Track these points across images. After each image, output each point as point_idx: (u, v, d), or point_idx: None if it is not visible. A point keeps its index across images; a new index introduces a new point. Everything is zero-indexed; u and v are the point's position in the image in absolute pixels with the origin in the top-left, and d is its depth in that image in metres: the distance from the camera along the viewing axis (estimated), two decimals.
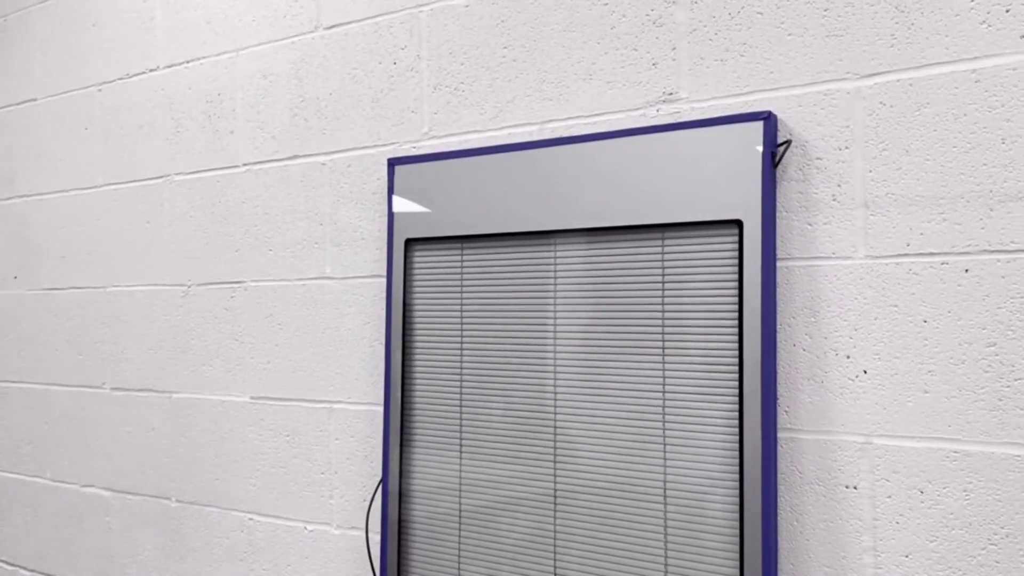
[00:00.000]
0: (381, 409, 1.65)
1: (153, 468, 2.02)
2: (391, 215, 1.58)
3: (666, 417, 1.29)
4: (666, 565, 1.28)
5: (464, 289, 1.50)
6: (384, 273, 1.65)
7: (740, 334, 1.22)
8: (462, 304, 1.50)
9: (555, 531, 1.39)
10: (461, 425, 1.50)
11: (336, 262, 1.71)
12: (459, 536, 1.49)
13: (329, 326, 1.72)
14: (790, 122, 1.24)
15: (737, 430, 1.23)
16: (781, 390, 1.25)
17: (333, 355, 1.72)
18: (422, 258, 1.55)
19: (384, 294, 1.64)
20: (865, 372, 1.19)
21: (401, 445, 1.56)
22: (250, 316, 1.85)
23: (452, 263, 1.52)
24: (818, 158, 1.22)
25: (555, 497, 1.39)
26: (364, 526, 1.66)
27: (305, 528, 1.76)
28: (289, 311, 1.78)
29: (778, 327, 1.25)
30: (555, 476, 1.39)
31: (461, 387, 1.50)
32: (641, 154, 1.32)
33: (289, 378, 1.78)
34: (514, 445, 1.44)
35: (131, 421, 2.06)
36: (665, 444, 1.29)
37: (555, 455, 1.39)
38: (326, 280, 1.73)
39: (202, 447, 1.93)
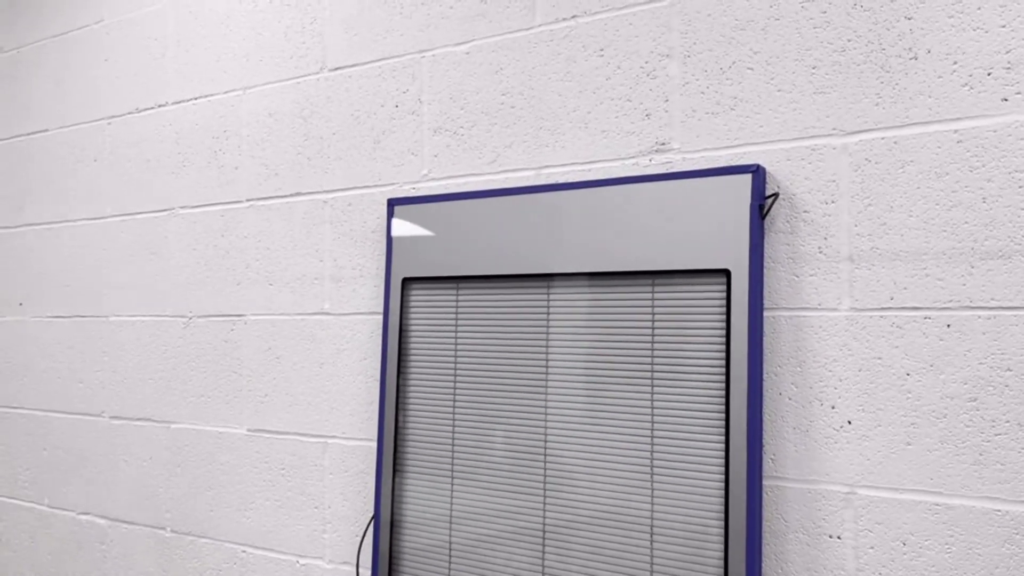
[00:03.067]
0: (375, 445, 1.67)
1: (149, 498, 2.04)
2: (389, 254, 1.61)
3: (654, 463, 1.31)
4: None
5: (459, 329, 1.53)
6: (381, 310, 1.67)
7: (727, 382, 1.24)
8: (456, 344, 1.53)
9: (543, 570, 1.40)
10: (453, 466, 1.51)
11: (335, 298, 1.74)
12: (449, 567, 1.50)
13: (326, 361, 1.75)
14: (778, 175, 1.27)
15: (723, 477, 1.24)
16: (767, 438, 1.27)
17: (329, 390, 1.74)
18: (418, 297, 1.58)
19: (380, 331, 1.67)
20: (850, 423, 1.21)
21: (393, 482, 1.57)
22: (249, 349, 1.87)
23: (447, 303, 1.54)
24: (805, 211, 1.25)
25: (544, 537, 1.40)
26: (355, 562, 1.67)
27: (297, 562, 1.77)
28: (288, 345, 1.81)
29: (765, 376, 1.27)
30: (544, 519, 1.40)
31: (453, 427, 1.52)
32: (633, 202, 1.35)
33: (286, 412, 1.80)
34: (504, 487, 1.45)
35: (129, 450, 2.08)
36: (653, 490, 1.30)
37: (544, 498, 1.41)
38: (324, 316, 1.75)
39: (198, 478, 1.95)
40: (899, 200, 1.18)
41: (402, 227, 1.60)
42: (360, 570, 1.66)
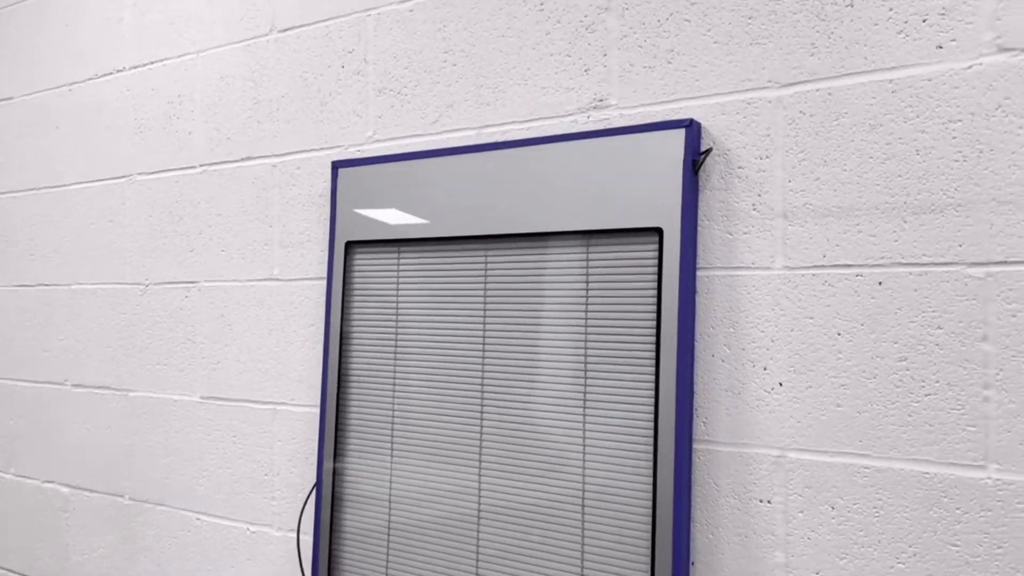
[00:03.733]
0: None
1: (109, 466, 2.03)
2: (333, 217, 1.58)
3: (586, 427, 1.28)
4: (582, 571, 1.26)
5: (400, 294, 1.50)
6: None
7: (657, 344, 1.21)
8: (397, 309, 1.50)
9: (478, 534, 1.37)
10: (392, 432, 1.49)
11: (284, 264, 1.72)
12: (388, 539, 1.48)
13: (276, 327, 1.72)
14: (713, 130, 1.23)
15: (652, 441, 1.21)
16: (700, 401, 1.23)
17: (278, 357, 1.72)
18: (362, 261, 1.55)
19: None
20: (781, 384, 1.17)
21: (336, 449, 1.55)
22: (202, 316, 1.85)
23: (389, 267, 1.52)
24: (740, 167, 1.21)
25: (479, 501, 1.38)
26: (297, 528, 1.65)
27: (248, 529, 1.76)
28: (238, 312, 1.79)
29: (698, 337, 1.23)
30: (479, 480, 1.38)
31: (394, 392, 1.49)
32: (570, 160, 1.31)
33: (237, 379, 1.78)
34: (442, 450, 1.43)
35: (90, 418, 2.07)
36: (584, 454, 1.27)
37: (480, 461, 1.38)
38: (273, 281, 1.73)
39: (154, 446, 1.93)
40: (833, 154, 1.14)
41: (346, 190, 1.57)
42: (301, 536, 1.64)
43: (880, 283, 1.10)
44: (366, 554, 1.50)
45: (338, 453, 1.55)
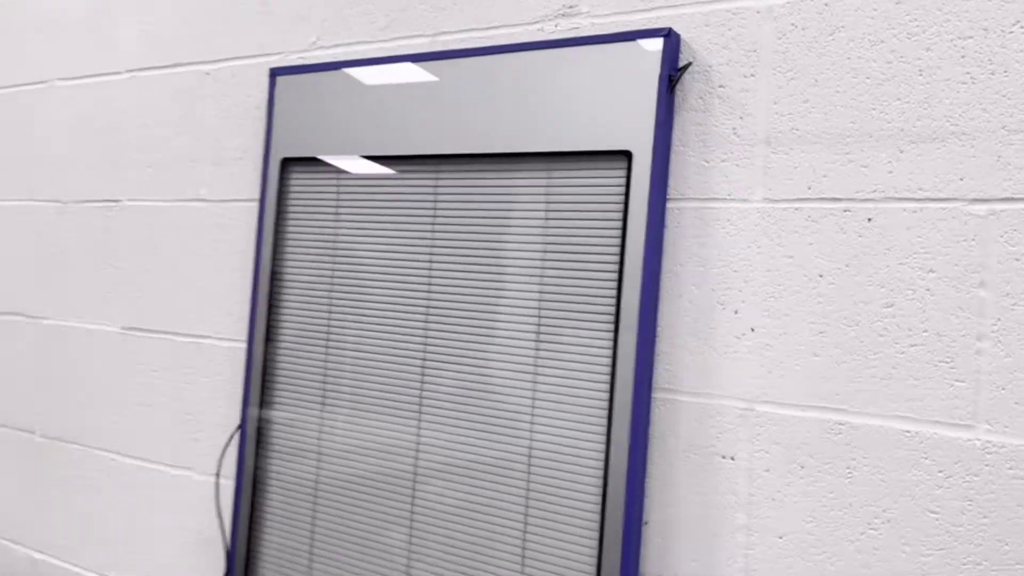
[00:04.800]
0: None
1: (20, 399, 1.87)
2: (269, 131, 1.42)
3: (537, 372, 1.15)
4: (526, 521, 1.15)
5: (339, 218, 1.35)
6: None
7: (619, 281, 1.08)
8: (336, 235, 1.35)
9: (415, 473, 1.25)
10: (325, 372, 1.35)
11: (214, 183, 1.55)
12: (316, 482, 1.35)
13: (203, 254, 1.57)
14: (694, 43, 1.09)
15: (608, 388, 1.09)
16: (663, 346, 1.11)
17: (205, 287, 1.56)
18: (299, 181, 1.40)
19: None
20: (753, 330, 1.05)
21: (263, 389, 1.41)
22: (125, 238, 1.68)
23: (328, 188, 1.37)
24: (721, 86, 1.07)
25: (417, 447, 1.25)
26: (216, 471, 1.51)
27: (168, 472, 1.62)
28: (164, 235, 1.62)
29: (664, 275, 1.11)
30: (419, 424, 1.25)
31: (328, 330, 1.36)
32: (534, 73, 1.17)
33: (160, 308, 1.63)
34: (378, 394, 1.30)
35: (0, 347, 1.90)
36: (534, 400, 1.15)
37: (420, 402, 1.25)
38: (202, 202, 1.57)
39: (68, 379, 1.77)
40: (826, 73, 1.01)
41: (284, 100, 1.41)
42: (221, 480, 1.51)
43: (869, 219, 0.98)
44: (291, 494, 1.37)
45: (265, 393, 1.42)
